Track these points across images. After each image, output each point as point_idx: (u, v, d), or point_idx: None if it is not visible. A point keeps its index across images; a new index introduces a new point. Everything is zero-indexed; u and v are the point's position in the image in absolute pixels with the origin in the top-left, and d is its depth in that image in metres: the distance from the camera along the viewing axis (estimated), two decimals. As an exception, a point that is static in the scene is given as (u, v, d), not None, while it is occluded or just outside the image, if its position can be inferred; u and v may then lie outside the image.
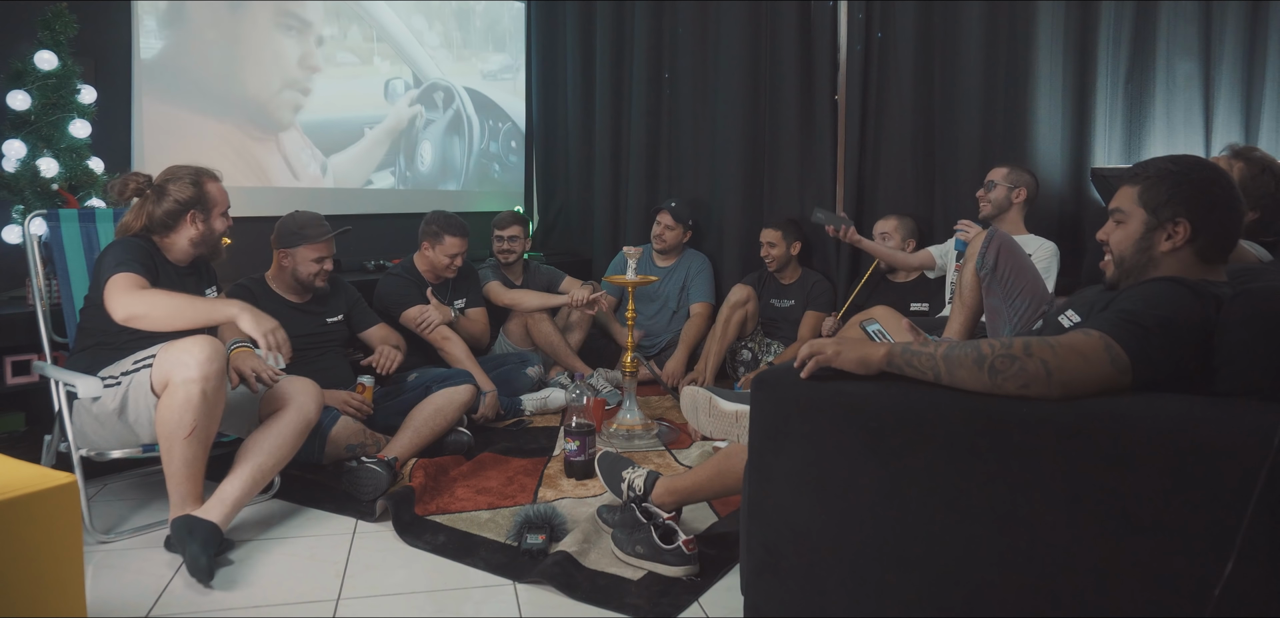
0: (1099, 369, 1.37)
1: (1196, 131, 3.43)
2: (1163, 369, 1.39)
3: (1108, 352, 1.37)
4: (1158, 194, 1.55)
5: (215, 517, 2.14)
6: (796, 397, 1.58)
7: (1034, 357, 1.37)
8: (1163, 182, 1.55)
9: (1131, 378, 1.38)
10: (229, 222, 2.52)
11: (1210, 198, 1.53)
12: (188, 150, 3.63)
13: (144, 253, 2.34)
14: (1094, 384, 1.36)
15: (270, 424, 2.35)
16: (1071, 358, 1.37)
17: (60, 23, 3.01)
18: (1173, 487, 1.26)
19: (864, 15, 4.03)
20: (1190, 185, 1.53)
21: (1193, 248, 1.53)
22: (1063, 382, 1.36)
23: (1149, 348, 1.39)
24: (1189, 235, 1.53)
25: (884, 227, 3.79)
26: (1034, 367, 1.36)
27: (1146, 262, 1.57)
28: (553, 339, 3.88)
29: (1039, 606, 1.35)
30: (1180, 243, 1.53)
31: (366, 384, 3.01)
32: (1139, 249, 1.58)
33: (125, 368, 2.25)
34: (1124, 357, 1.37)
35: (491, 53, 5.30)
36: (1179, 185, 1.54)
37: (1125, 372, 1.37)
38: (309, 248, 2.96)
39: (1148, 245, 1.56)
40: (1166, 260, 1.55)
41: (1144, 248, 1.57)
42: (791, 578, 1.60)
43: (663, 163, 4.77)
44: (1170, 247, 1.54)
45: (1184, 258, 1.54)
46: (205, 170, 2.49)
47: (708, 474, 2.24)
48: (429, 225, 3.56)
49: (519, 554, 2.20)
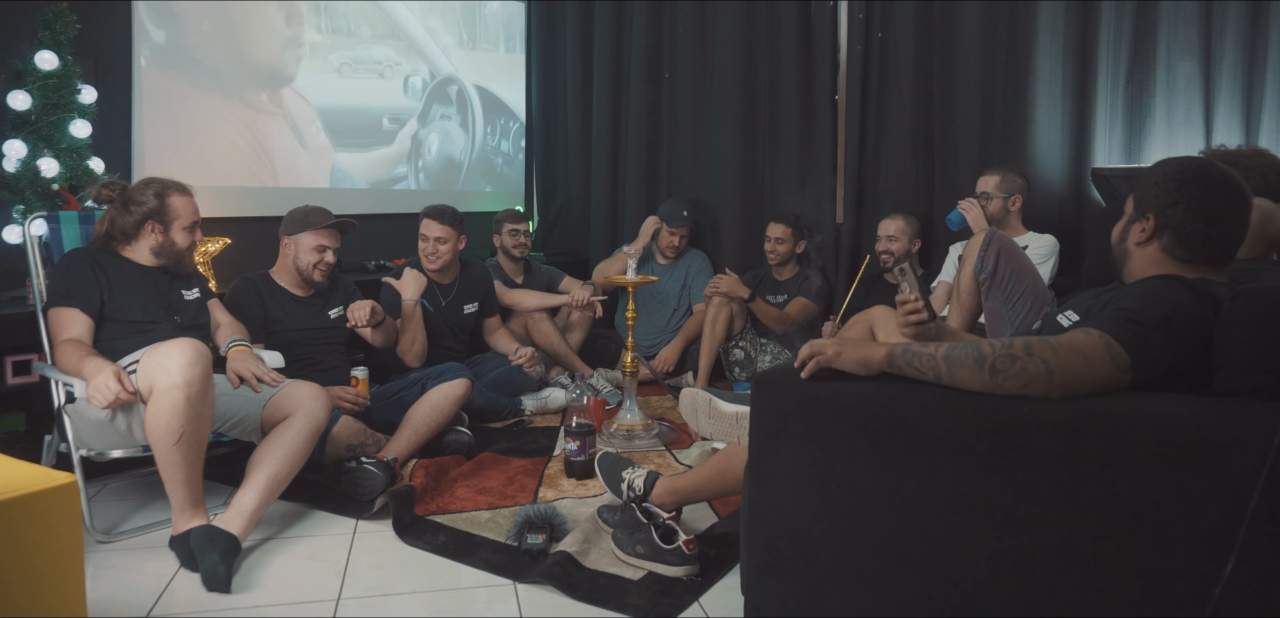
0: (1099, 368, 1.37)
1: (1197, 131, 3.43)
2: (1161, 367, 1.39)
3: (1108, 351, 1.38)
4: (1144, 190, 1.60)
5: (235, 529, 2.14)
6: (796, 397, 1.58)
7: (1035, 356, 1.37)
8: (1151, 177, 1.60)
9: (1132, 376, 1.38)
10: (195, 235, 2.53)
11: (1175, 196, 1.54)
12: (188, 150, 3.65)
13: (92, 269, 2.38)
14: (1095, 383, 1.37)
15: (281, 432, 2.33)
16: (1072, 357, 1.37)
17: (60, 23, 3.00)
18: (1173, 487, 1.26)
19: (864, 15, 4.03)
20: (1165, 184, 1.56)
21: (1158, 244, 1.57)
22: (1063, 381, 1.36)
23: (1148, 346, 1.39)
24: (1152, 231, 1.57)
25: (891, 227, 3.78)
26: (1035, 367, 1.37)
27: (1122, 253, 1.64)
28: (553, 339, 3.88)
29: (1039, 606, 1.35)
30: (1145, 238, 1.58)
31: (360, 376, 3.01)
32: (1119, 240, 1.65)
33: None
34: (1124, 356, 1.38)
35: (498, 49, 5.29)
36: (1157, 183, 1.58)
37: (1125, 370, 1.38)
38: (311, 234, 2.95)
39: (1124, 237, 1.63)
40: (1136, 254, 1.60)
41: (1122, 238, 1.64)
42: (791, 578, 1.60)
43: (662, 163, 4.77)
44: (1138, 240, 1.59)
45: (1150, 253, 1.58)
46: (174, 183, 2.52)
47: (708, 474, 2.24)
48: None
49: (519, 554, 2.20)
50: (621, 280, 3.32)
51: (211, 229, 3.30)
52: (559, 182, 5.27)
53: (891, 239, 3.76)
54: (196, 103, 3.71)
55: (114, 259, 2.46)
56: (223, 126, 3.83)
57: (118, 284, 2.40)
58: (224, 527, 2.13)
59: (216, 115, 3.79)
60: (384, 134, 4.62)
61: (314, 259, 2.96)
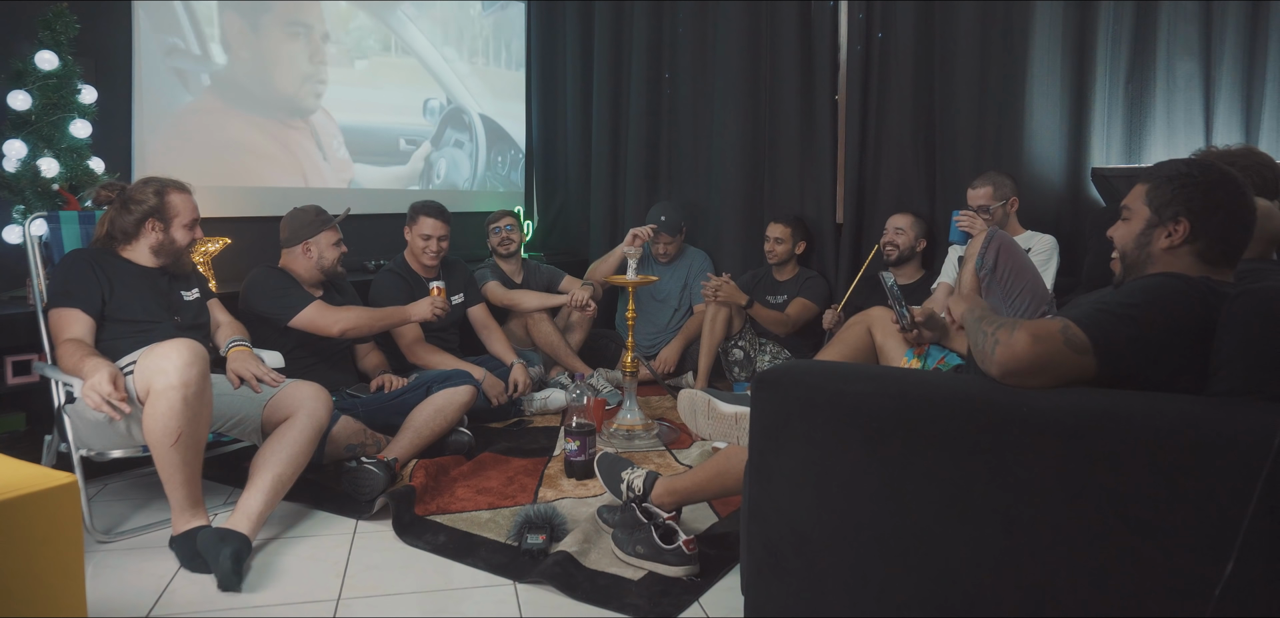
0: (1050, 347, 1.39)
1: (1197, 132, 3.43)
2: (1128, 354, 1.41)
3: (1063, 333, 1.41)
4: (1163, 193, 1.57)
5: (243, 530, 2.14)
6: (796, 397, 1.58)
7: (990, 334, 1.44)
8: (1170, 181, 1.57)
9: (1094, 360, 1.40)
10: (194, 233, 2.54)
11: (1213, 200, 1.53)
12: (189, 150, 3.64)
13: (93, 270, 2.38)
14: (1044, 363, 1.39)
15: (283, 433, 2.33)
16: (1020, 335, 1.41)
17: (60, 23, 3.00)
18: (1173, 487, 1.26)
19: (864, 15, 4.03)
20: (1194, 186, 1.54)
21: (1192, 248, 1.55)
22: (1003, 357, 1.40)
23: (1113, 331, 1.41)
24: (1188, 234, 1.54)
25: (900, 221, 3.77)
26: (987, 342, 1.43)
27: (1145, 258, 1.60)
28: (553, 339, 3.88)
29: (1039, 606, 1.35)
30: (1178, 242, 1.55)
31: (441, 286, 3.14)
32: (1138, 245, 1.61)
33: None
34: (1081, 337, 1.40)
35: (508, 72, 5.36)
36: (1183, 185, 1.55)
37: (1084, 351, 1.40)
38: (329, 233, 3.10)
39: (1146, 242, 1.59)
40: (1163, 258, 1.57)
41: (1142, 243, 1.60)
42: (791, 578, 1.60)
43: (662, 163, 4.77)
44: (1168, 244, 1.56)
45: (1182, 257, 1.55)
46: (173, 182, 2.52)
47: (708, 474, 2.24)
48: (409, 213, 3.57)
49: (519, 554, 2.20)
50: (622, 280, 3.32)
51: (214, 229, 3.31)
52: (559, 182, 5.27)
53: (898, 232, 3.76)
54: (198, 103, 3.71)
55: (114, 260, 2.46)
56: (225, 125, 3.83)
57: (118, 285, 2.41)
58: (234, 528, 2.13)
59: (219, 115, 3.80)
60: (400, 153, 4.71)
61: (335, 255, 3.12)
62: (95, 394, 2.07)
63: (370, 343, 3.32)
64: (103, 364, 2.15)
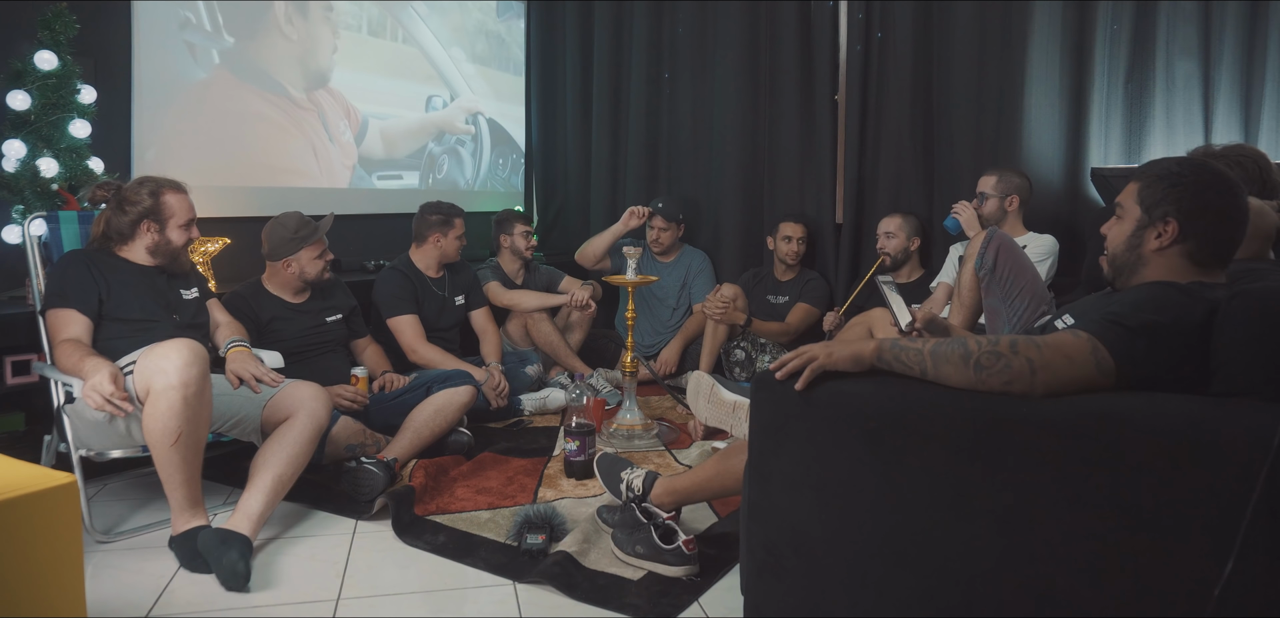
0: (1083, 370, 1.38)
1: (1196, 131, 3.44)
2: (1146, 370, 1.40)
3: (1094, 355, 1.39)
4: (1154, 192, 1.56)
5: (244, 531, 2.13)
6: (796, 397, 1.58)
7: (1020, 355, 1.39)
8: (1161, 180, 1.56)
9: (1116, 380, 1.39)
10: (190, 232, 2.53)
11: (1202, 201, 1.52)
12: (189, 150, 3.64)
13: (89, 270, 2.38)
14: (1077, 385, 1.38)
15: (283, 433, 2.32)
16: (1056, 358, 1.38)
17: (60, 23, 3.00)
18: (1173, 487, 1.26)
19: (864, 15, 4.03)
20: (1184, 187, 1.53)
21: (1181, 249, 1.53)
22: (1046, 381, 1.37)
23: (1134, 351, 1.40)
24: (1176, 236, 1.53)
25: (889, 225, 3.78)
26: (1019, 364, 1.38)
27: (1135, 259, 1.58)
28: (552, 339, 3.88)
29: (1039, 606, 1.36)
30: (1168, 243, 1.54)
31: (360, 375, 3.03)
32: (1129, 245, 1.59)
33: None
34: (1109, 361, 1.39)
35: (513, 77, 5.38)
36: (1173, 186, 1.54)
37: (1109, 374, 1.39)
38: (310, 249, 3.01)
39: (1137, 243, 1.58)
40: (1154, 259, 1.56)
41: (1133, 244, 1.58)
42: (791, 578, 1.60)
43: (662, 163, 4.77)
44: (1158, 245, 1.55)
45: (1171, 258, 1.54)
46: (168, 182, 2.51)
47: (707, 474, 2.24)
48: (431, 215, 3.56)
49: (519, 554, 2.20)
50: (622, 280, 3.32)
51: (214, 229, 3.30)
52: (558, 182, 5.27)
53: (888, 237, 3.77)
54: (198, 103, 3.71)
55: (111, 260, 2.46)
56: (226, 126, 3.82)
57: (115, 284, 2.40)
58: (234, 529, 2.13)
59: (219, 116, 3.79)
60: (404, 153, 4.71)
61: (319, 267, 3.05)
62: (96, 394, 2.07)
63: (366, 337, 3.30)
64: (103, 364, 2.14)
